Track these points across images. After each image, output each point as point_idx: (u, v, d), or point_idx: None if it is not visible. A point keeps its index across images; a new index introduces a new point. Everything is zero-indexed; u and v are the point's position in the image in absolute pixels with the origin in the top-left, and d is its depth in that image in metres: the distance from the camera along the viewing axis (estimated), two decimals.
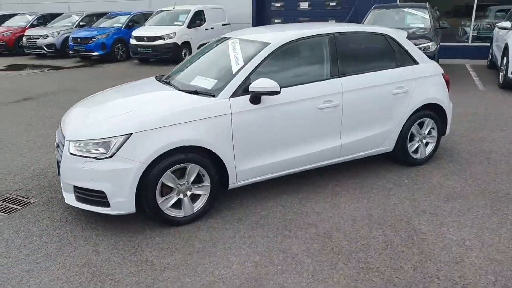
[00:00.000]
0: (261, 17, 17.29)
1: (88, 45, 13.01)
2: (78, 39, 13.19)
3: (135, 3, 17.09)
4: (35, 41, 13.99)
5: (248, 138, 3.38)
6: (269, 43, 3.58)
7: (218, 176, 3.34)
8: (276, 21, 17.53)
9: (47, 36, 13.95)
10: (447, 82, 4.53)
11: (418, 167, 4.38)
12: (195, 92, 3.44)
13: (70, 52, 13.52)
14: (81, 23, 14.80)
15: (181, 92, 3.51)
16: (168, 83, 3.85)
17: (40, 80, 10.25)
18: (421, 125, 4.35)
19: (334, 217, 3.39)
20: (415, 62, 4.27)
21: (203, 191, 3.33)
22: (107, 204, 3.06)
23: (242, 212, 3.50)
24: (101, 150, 3.00)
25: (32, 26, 15.54)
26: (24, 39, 14.36)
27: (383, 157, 4.55)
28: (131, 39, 12.69)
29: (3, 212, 3.55)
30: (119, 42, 13.48)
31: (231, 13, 16.91)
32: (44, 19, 16.03)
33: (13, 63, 13.44)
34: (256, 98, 3.33)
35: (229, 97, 3.30)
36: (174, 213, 3.25)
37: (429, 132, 4.45)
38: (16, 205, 3.66)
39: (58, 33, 14.01)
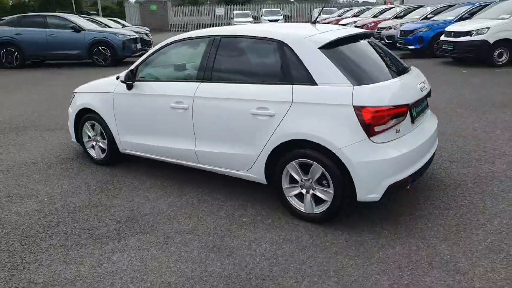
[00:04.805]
0: None
1: (408, 38, 13.18)
2: (403, 32, 13.58)
3: None
4: (379, 33, 15.52)
5: (122, 116, 4.23)
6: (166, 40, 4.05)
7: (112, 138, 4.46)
8: None
9: (390, 28, 15.13)
10: (368, 123, 2.86)
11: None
12: None
13: (397, 44, 14.11)
14: (428, 16, 14.79)
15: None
16: None
17: None
18: (307, 168, 3.15)
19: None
20: (311, 81, 3.09)
21: (105, 146, 4.59)
22: None
23: (130, 184, 4.37)
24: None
25: (396, 17, 16.99)
26: (375, 30, 16.19)
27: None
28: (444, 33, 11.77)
29: None
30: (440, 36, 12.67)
31: None
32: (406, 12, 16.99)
33: None
34: (127, 85, 4.09)
35: (121, 81, 4.26)
36: (92, 153, 4.76)
37: (327, 183, 3.11)
38: None
39: (401, 25, 14.81)
